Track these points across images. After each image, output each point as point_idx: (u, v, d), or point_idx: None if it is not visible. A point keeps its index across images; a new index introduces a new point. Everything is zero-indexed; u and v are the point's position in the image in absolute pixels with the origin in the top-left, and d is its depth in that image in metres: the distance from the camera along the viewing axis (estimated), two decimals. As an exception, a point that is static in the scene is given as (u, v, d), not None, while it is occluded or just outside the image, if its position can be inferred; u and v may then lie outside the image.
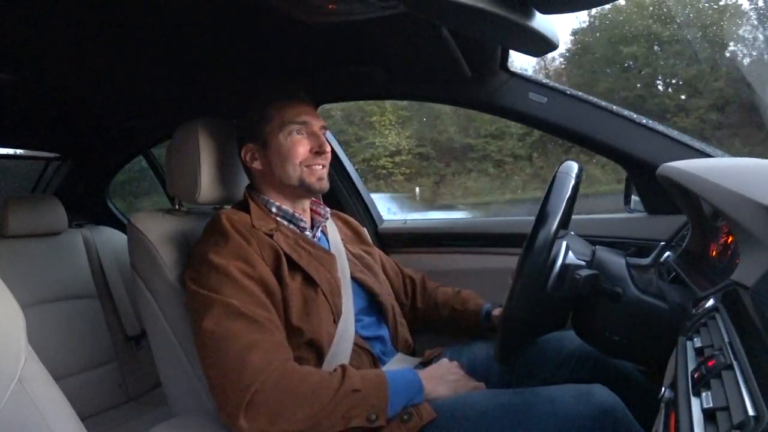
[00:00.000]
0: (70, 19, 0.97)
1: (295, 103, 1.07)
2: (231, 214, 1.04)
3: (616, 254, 0.90)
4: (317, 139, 1.07)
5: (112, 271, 1.78)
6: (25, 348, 0.68)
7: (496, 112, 1.36)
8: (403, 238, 1.68)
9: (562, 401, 0.83)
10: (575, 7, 0.91)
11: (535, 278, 0.80)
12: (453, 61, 1.18)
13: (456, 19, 0.85)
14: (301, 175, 1.06)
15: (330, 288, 1.03)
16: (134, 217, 1.11)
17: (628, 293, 0.84)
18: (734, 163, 0.89)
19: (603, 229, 1.32)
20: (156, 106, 1.62)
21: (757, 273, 0.55)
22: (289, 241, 1.03)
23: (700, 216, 0.91)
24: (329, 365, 0.97)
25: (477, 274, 1.49)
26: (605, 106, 1.24)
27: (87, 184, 2.27)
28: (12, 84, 1.29)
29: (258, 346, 0.86)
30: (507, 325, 0.83)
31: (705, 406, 0.42)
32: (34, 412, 0.64)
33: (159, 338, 1.08)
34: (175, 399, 1.10)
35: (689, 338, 0.58)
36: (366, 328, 1.08)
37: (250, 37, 1.11)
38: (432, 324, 1.30)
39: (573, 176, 0.84)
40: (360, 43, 1.17)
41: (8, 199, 1.60)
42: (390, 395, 0.88)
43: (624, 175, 1.30)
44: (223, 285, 0.92)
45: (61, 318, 1.59)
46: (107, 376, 1.65)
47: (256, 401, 0.82)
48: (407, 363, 1.10)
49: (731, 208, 0.63)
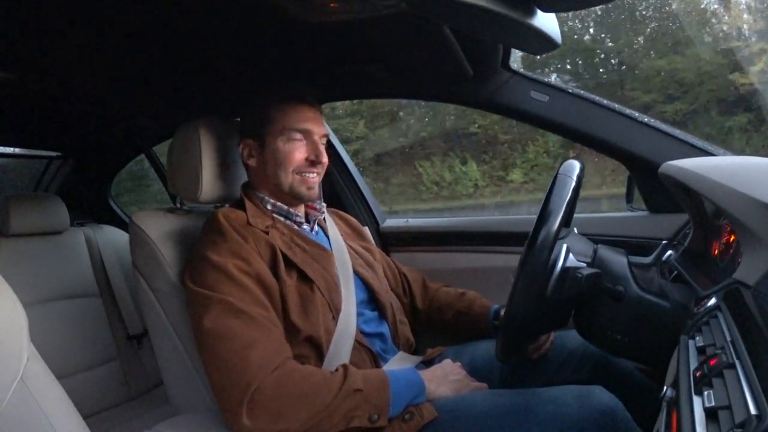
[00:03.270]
0: (72, 18, 0.97)
1: (301, 108, 1.06)
2: (227, 212, 1.04)
3: (617, 253, 0.90)
4: (315, 148, 1.06)
5: (114, 269, 1.78)
6: (28, 347, 0.68)
7: (497, 111, 1.36)
8: (405, 237, 1.68)
9: (563, 402, 0.83)
10: (576, 5, 0.91)
11: (537, 277, 0.80)
12: (455, 59, 1.18)
13: (458, 17, 0.85)
14: (292, 182, 1.06)
15: (326, 285, 1.02)
16: (136, 216, 1.12)
17: (630, 292, 0.84)
18: (736, 161, 0.89)
19: (605, 228, 1.32)
20: (158, 105, 1.63)
21: (759, 272, 0.55)
22: (284, 238, 1.03)
23: (702, 215, 0.91)
24: (330, 363, 0.97)
25: (479, 273, 1.49)
26: (607, 104, 1.24)
27: (89, 183, 2.28)
28: (14, 83, 1.29)
29: (258, 344, 0.86)
30: (508, 324, 0.83)
31: (707, 405, 0.42)
32: (37, 411, 0.65)
33: (161, 337, 1.08)
34: (176, 397, 1.10)
35: (691, 337, 0.58)
36: (367, 323, 1.08)
37: (251, 36, 1.11)
38: (435, 325, 1.29)
39: (574, 175, 0.84)
40: (361, 42, 1.17)
41: (10, 197, 1.60)
42: (392, 395, 0.88)
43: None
44: (221, 283, 0.92)
45: (63, 317, 1.59)
46: (109, 374, 1.65)
47: (258, 400, 0.82)
48: (409, 362, 1.10)
49: (733, 206, 0.63)
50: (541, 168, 6.09)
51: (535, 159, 6.15)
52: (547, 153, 6.04)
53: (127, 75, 1.32)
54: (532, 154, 6.17)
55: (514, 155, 6.31)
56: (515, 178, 6.23)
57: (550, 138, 5.80)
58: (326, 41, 1.15)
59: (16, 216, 1.58)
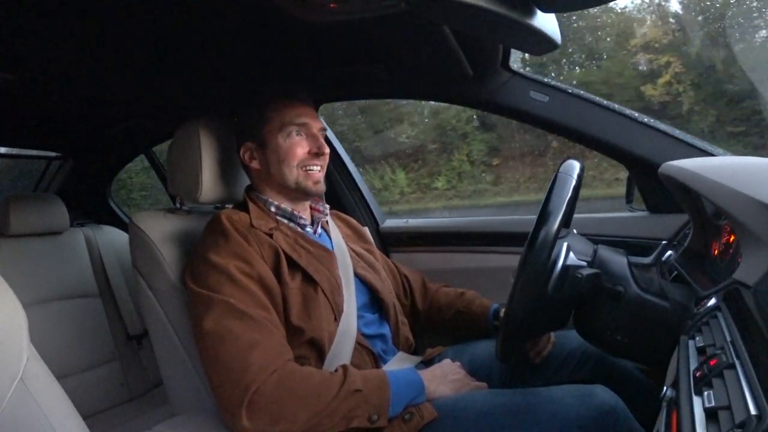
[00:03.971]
0: (72, 18, 0.97)
1: (295, 104, 1.07)
2: (231, 214, 1.04)
3: (617, 253, 0.90)
4: (316, 140, 1.07)
5: (114, 270, 1.79)
6: (27, 347, 0.68)
7: (497, 111, 1.36)
8: (405, 237, 1.68)
9: (563, 402, 0.83)
10: (576, 5, 0.90)
11: (537, 277, 0.80)
12: (454, 59, 1.18)
13: (457, 17, 0.85)
14: (298, 177, 1.06)
15: (330, 286, 1.03)
16: (136, 217, 1.12)
17: (630, 292, 0.84)
18: (736, 161, 0.89)
19: (604, 228, 1.32)
20: (157, 105, 1.63)
21: (758, 272, 0.55)
22: (288, 240, 1.03)
23: (702, 215, 0.91)
24: (330, 364, 0.97)
25: (479, 273, 1.49)
26: (607, 104, 1.24)
27: (89, 183, 2.28)
28: (14, 83, 1.29)
29: (258, 345, 0.86)
30: (508, 324, 0.83)
31: (707, 405, 0.42)
32: (37, 411, 0.64)
33: (160, 337, 1.08)
34: (176, 398, 1.10)
35: (691, 337, 0.58)
36: (368, 325, 1.08)
37: (251, 36, 1.11)
38: (435, 325, 1.29)
39: (574, 175, 0.84)
40: (361, 42, 1.17)
41: (10, 198, 1.61)
42: (391, 395, 0.88)
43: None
44: (222, 284, 0.92)
45: (63, 317, 1.59)
46: (109, 375, 1.65)
47: (257, 401, 0.82)
48: (408, 362, 1.10)
49: (733, 206, 0.63)
50: (464, 175, 6.34)
51: (460, 167, 6.36)
52: (471, 162, 6.22)
53: (127, 75, 1.32)
54: (457, 162, 6.35)
55: (440, 163, 6.51)
56: (439, 186, 6.49)
57: (474, 146, 6.05)
58: (326, 41, 1.15)
59: (16, 216, 1.58)
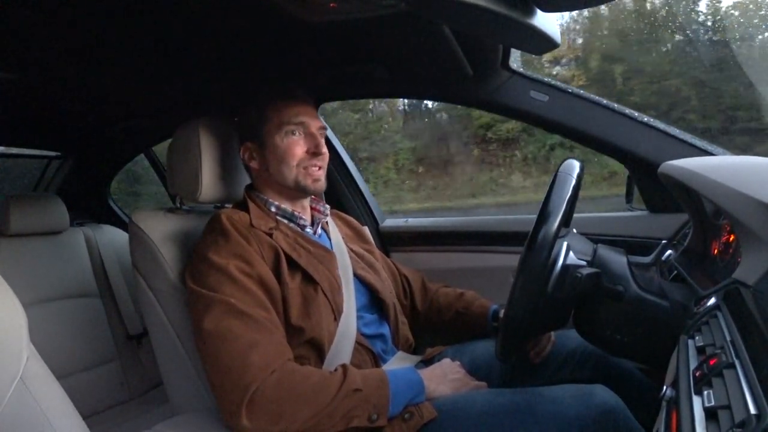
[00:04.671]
0: (72, 18, 0.97)
1: (294, 104, 1.07)
2: (231, 214, 1.04)
3: (617, 253, 0.90)
4: (314, 140, 1.07)
5: (114, 269, 1.78)
6: (27, 346, 0.68)
7: (497, 111, 1.36)
8: (405, 237, 1.68)
9: (563, 401, 0.83)
10: (576, 5, 0.91)
11: (537, 276, 0.80)
12: (454, 59, 1.18)
13: (457, 17, 0.85)
14: (297, 176, 1.06)
15: (330, 286, 1.03)
16: (135, 216, 1.12)
17: (630, 292, 0.84)
18: (736, 161, 0.89)
19: (604, 228, 1.32)
20: (157, 104, 1.63)
21: (758, 271, 0.55)
22: (288, 240, 1.03)
23: (702, 214, 0.91)
24: (330, 364, 0.97)
25: (479, 273, 1.49)
26: (607, 104, 1.24)
27: (88, 183, 2.28)
28: (14, 83, 1.29)
29: (258, 345, 0.86)
30: (508, 324, 0.83)
31: (706, 405, 0.42)
32: (36, 411, 0.64)
33: (160, 337, 1.08)
34: (176, 397, 1.10)
35: (691, 337, 0.58)
36: (368, 325, 1.08)
37: (251, 36, 1.11)
38: (435, 326, 1.29)
39: (574, 174, 0.84)
40: (361, 42, 1.17)
41: (10, 197, 1.60)
42: (391, 395, 0.88)
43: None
44: (222, 284, 0.92)
45: (62, 317, 1.59)
46: (109, 374, 1.65)
47: (257, 401, 0.83)
48: (408, 361, 1.10)
49: (733, 206, 0.63)
50: (389, 183, 6.40)
51: (387, 174, 6.46)
52: (398, 169, 6.30)
53: (127, 75, 1.32)
54: (384, 170, 6.45)
55: (369, 170, 6.61)
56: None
57: (401, 155, 6.14)
58: (326, 41, 1.15)
59: (16, 216, 1.58)
